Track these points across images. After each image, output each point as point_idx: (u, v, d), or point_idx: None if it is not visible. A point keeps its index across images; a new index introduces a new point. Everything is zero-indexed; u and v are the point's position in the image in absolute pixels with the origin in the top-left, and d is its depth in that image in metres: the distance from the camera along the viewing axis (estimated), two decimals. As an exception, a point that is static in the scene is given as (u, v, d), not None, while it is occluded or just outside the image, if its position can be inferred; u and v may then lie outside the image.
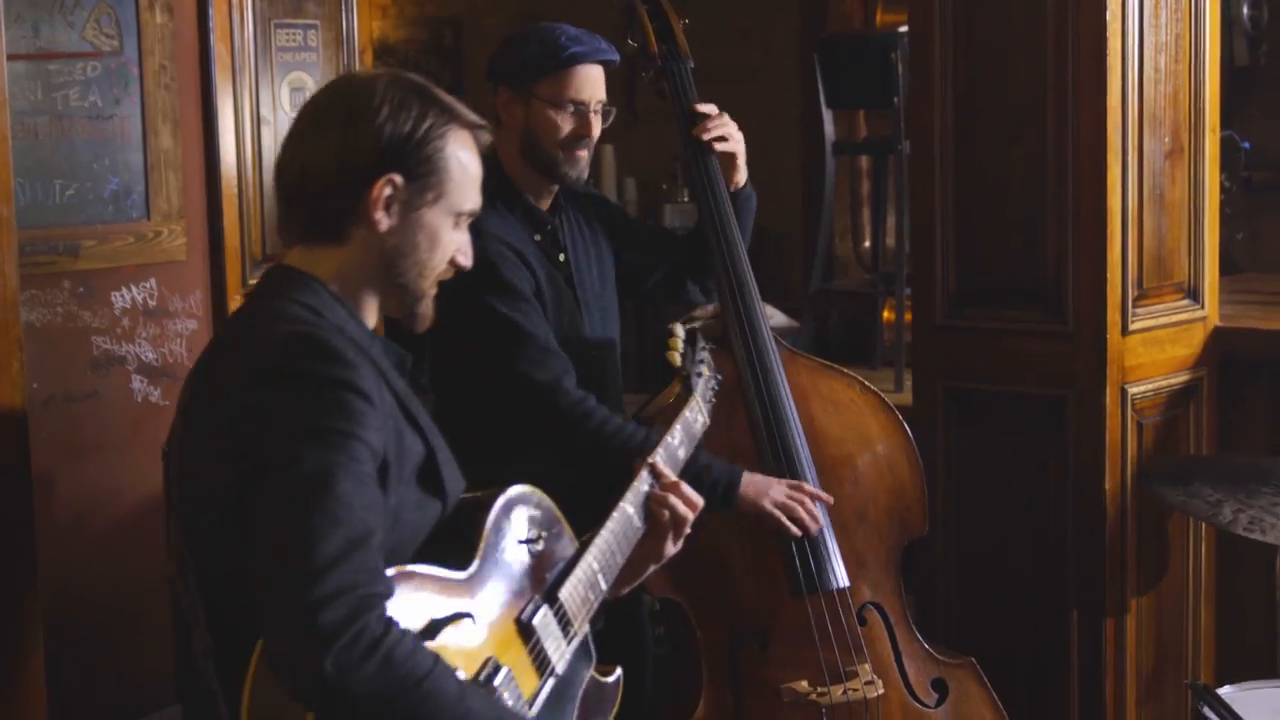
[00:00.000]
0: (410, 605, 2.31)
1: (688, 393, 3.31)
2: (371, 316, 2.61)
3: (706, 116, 3.84)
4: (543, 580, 2.64)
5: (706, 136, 3.82)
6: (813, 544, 3.63)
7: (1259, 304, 5.49)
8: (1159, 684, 4.58)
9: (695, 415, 3.27)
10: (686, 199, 8.94)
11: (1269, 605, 4.81)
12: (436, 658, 2.26)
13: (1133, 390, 4.41)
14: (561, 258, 3.71)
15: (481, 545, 2.52)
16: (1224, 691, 3.68)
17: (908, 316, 6.33)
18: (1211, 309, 4.68)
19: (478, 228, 3.59)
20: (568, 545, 2.73)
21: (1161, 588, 4.58)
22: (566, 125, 3.66)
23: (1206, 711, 3.54)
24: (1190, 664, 4.69)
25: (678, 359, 3.36)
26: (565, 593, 2.64)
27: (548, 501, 2.71)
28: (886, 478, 3.83)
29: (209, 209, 5.47)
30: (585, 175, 3.74)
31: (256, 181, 5.59)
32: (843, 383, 3.84)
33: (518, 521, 2.62)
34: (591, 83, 3.68)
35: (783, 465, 3.65)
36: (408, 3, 10.98)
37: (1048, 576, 4.45)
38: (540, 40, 3.66)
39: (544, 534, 2.65)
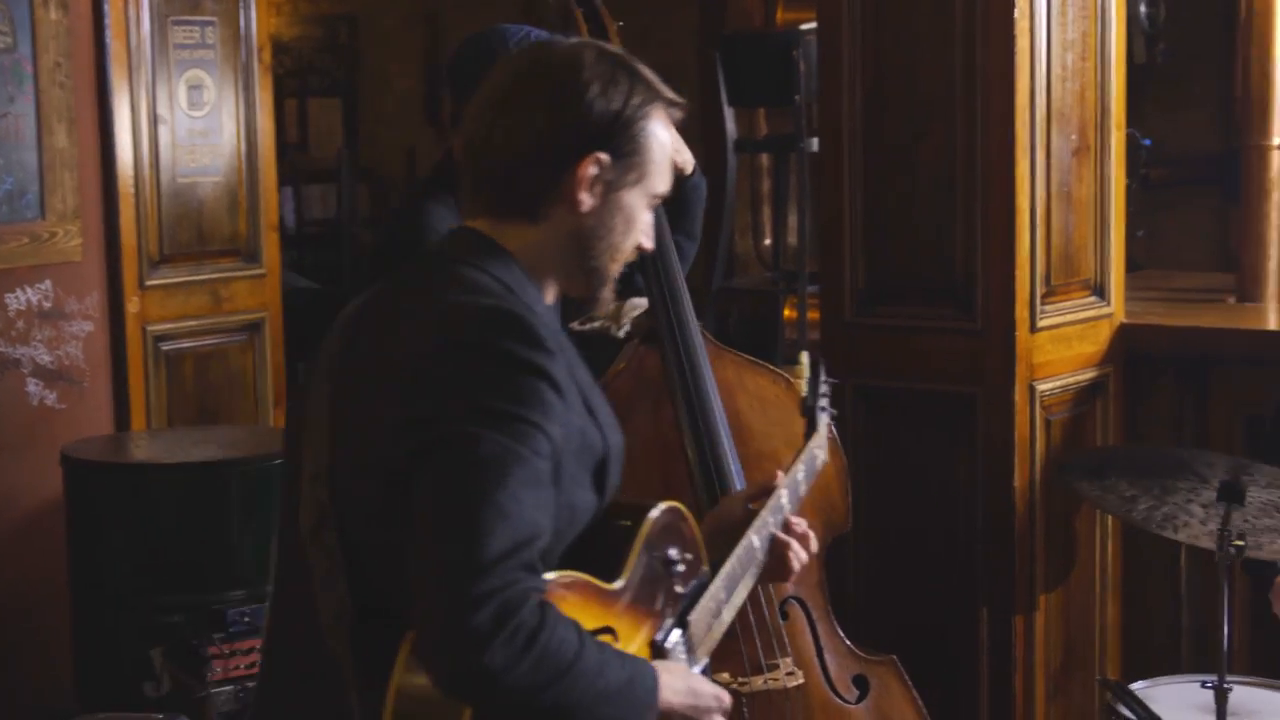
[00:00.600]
0: (567, 611, 2.23)
1: (812, 429, 3.20)
2: (550, 297, 2.50)
3: None
4: (676, 603, 2.53)
5: None
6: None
7: (1161, 300, 5.55)
8: (1067, 679, 4.60)
9: (817, 452, 3.16)
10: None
11: (1173, 599, 4.86)
12: (580, 634, 2.19)
13: (1041, 387, 4.42)
14: None
15: (632, 559, 2.42)
16: (1136, 686, 3.70)
17: (810, 314, 6.33)
18: (1117, 306, 4.71)
19: (423, 221, 3.53)
20: (700, 568, 2.62)
21: (1070, 583, 4.60)
22: None
23: (1120, 707, 3.55)
24: (1097, 659, 4.72)
25: (804, 389, 3.26)
26: (694, 617, 2.54)
27: (692, 522, 2.62)
28: (810, 475, 3.82)
29: (105, 209, 5.41)
30: None
31: (154, 181, 5.53)
32: (769, 379, 3.83)
33: (668, 541, 2.52)
34: None
35: (708, 460, 3.62)
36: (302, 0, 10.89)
37: (958, 574, 4.46)
38: (516, 39, 3.60)
39: (688, 556, 2.55)
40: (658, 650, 2.45)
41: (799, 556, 2.85)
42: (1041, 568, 4.47)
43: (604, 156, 2.40)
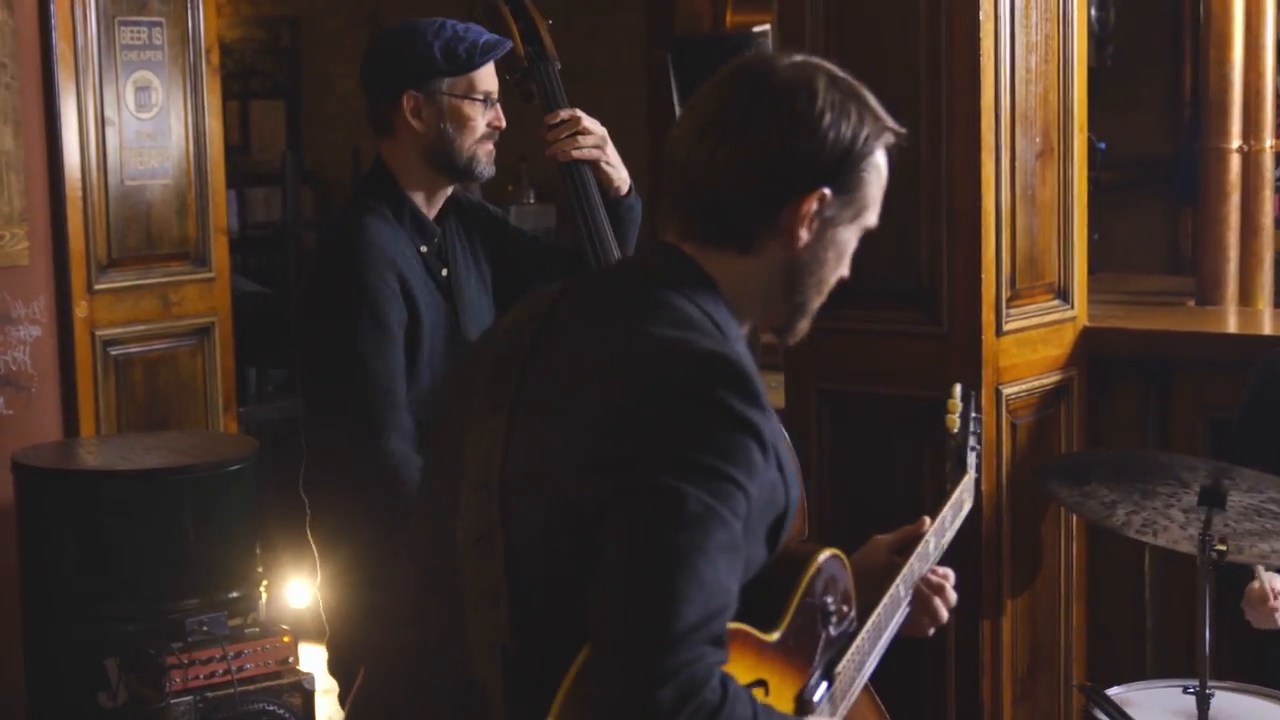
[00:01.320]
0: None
1: (961, 471, 3.06)
2: (745, 330, 2.37)
3: (557, 127, 3.69)
4: (825, 653, 2.42)
5: (548, 154, 3.68)
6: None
7: (1121, 303, 5.54)
8: (1033, 684, 4.59)
9: (965, 497, 3.07)
10: (533, 200, 8.86)
11: (1136, 603, 4.84)
12: (754, 706, 2.10)
13: (1007, 391, 4.40)
14: (444, 273, 3.56)
15: (791, 611, 2.32)
16: (1113, 692, 3.67)
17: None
18: (1080, 309, 4.69)
19: (362, 236, 3.45)
20: (850, 617, 2.50)
21: (1036, 587, 4.58)
22: (483, 120, 3.53)
23: (1097, 712, 3.52)
24: (1063, 663, 4.70)
25: (956, 423, 3.08)
26: (840, 670, 2.44)
27: (851, 571, 2.49)
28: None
29: (52, 212, 5.34)
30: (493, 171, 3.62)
31: (101, 183, 5.46)
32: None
33: (827, 590, 2.41)
34: (494, 74, 3.57)
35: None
36: (244, 1, 10.79)
37: (924, 579, 4.43)
38: (439, 36, 3.50)
39: (844, 608, 2.45)
40: (803, 705, 2.35)
41: (940, 610, 2.78)
42: (1008, 572, 4.45)
43: (828, 192, 2.28)
